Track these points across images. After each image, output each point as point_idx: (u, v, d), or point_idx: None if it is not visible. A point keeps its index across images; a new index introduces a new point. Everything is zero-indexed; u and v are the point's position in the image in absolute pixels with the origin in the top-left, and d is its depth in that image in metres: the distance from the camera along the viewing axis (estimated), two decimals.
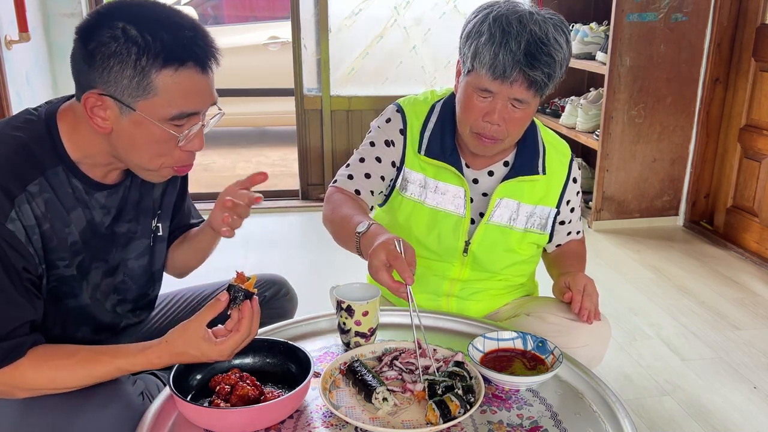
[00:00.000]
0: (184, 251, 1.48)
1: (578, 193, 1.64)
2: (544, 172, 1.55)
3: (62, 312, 1.24)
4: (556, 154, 1.59)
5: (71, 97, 1.18)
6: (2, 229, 1.06)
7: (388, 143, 1.56)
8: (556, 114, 4.12)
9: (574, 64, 3.78)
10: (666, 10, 3.39)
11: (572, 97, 4.03)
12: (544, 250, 1.69)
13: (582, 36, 3.77)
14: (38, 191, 1.11)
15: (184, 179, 1.45)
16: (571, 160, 1.61)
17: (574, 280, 1.46)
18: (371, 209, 1.59)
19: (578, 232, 1.69)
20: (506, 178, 1.53)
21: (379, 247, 1.18)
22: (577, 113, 3.85)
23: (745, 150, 3.38)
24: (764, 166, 3.24)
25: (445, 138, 1.52)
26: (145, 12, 1.06)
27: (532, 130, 1.55)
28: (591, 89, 4.03)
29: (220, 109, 1.18)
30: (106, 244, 1.26)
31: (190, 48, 1.06)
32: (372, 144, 1.57)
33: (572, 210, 1.64)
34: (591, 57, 3.72)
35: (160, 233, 1.38)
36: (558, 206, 1.59)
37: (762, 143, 3.25)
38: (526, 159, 1.54)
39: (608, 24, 3.49)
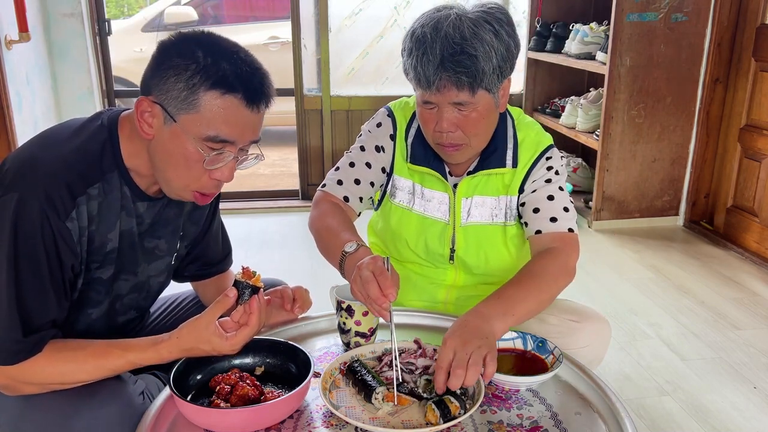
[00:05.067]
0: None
1: (553, 182, 1.48)
2: (514, 165, 1.49)
3: (82, 320, 1.26)
4: (530, 145, 1.51)
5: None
6: (62, 226, 1.11)
7: (378, 149, 1.55)
8: (556, 114, 4.12)
9: (575, 64, 3.78)
10: (666, 10, 3.39)
11: (572, 97, 4.03)
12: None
13: (582, 36, 3.76)
14: (96, 194, 1.16)
15: (216, 208, 1.47)
16: (547, 149, 1.51)
17: (446, 344, 1.14)
18: (359, 215, 1.58)
19: (570, 230, 1.46)
20: (469, 174, 1.50)
21: (369, 261, 1.19)
22: (577, 113, 3.85)
23: (745, 150, 3.37)
24: (764, 166, 3.24)
25: (427, 146, 1.50)
26: (218, 42, 1.13)
27: (502, 126, 1.50)
28: (591, 89, 4.03)
29: (260, 152, 1.21)
30: (136, 256, 1.29)
31: (242, 81, 1.11)
32: (362, 149, 1.56)
33: (550, 198, 1.47)
34: (591, 57, 3.71)
35: (179, 252, 1.41)
36: (521, 190, 1.50)
37: (762, 143, 3.25)
38: (489, 153, 1.49)
39: (608, 24, 3.49)
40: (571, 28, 3.90)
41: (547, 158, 1.51)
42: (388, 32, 4.14)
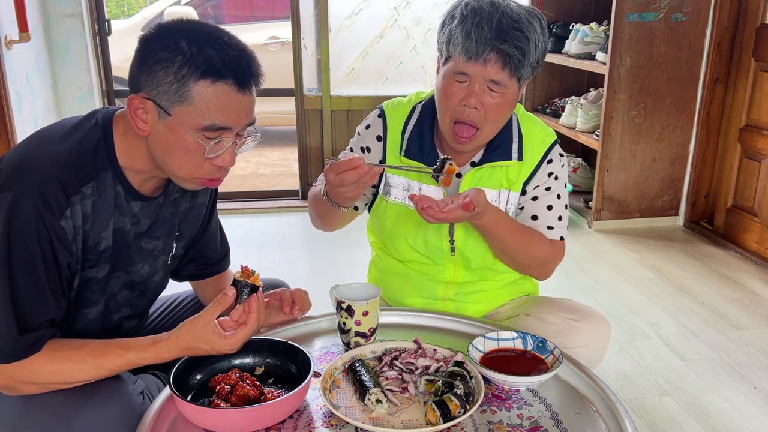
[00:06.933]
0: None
1: (552, 190, 1.53)
2: (520, 159, 1.51)
3: (79, 321, 1.26)
4: (535, 140, 1.53)
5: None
6: (56, 225, 1.11)
7: (363, 150, 1.58)
8: (556, 114, 4.12)
9: (574, 64, 3.78)
10: (666, 10, 3.39)
11: (572, 97, 4.03)
12: None
13: (582, 36, 3.76)
14: (90, 193, 1.16)
15: (213, 208, 1.47)
16: (551, 148, 1.53)
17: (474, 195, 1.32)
18: (355, 209, 1.62)
19: (561, 238, 1.54)
20: (475, 166, 1.51)
21: (323, 174, 1.32)
22: (577, 113, 3.85)
23: (745, 150, 3.37)
24: (764, 166, 3.24)
25: (424, 139, 1.52)
26: (199, 29, 1.13)
27: (508, 120, 1.51)
28: (591, 89, 4.03)
29: (256, 131, 1.21)
30: (130, 255, 1.29)
31: (231, 66, 1.11)
32: (351, 150, 1.60)
33: (549, 207, 1.52)
34: (591, 57, 3.71)
35: (176, 252, 1.41)
36: (522, 191, 1.53)
37: (762, 143, 3.25)
38: (494, 146, 1.50)
39: (608, 24, 3.49)
40: (571, 28, 3.90)
41: (549, 162, 1.53)
42: (388, 32, 4.14)
